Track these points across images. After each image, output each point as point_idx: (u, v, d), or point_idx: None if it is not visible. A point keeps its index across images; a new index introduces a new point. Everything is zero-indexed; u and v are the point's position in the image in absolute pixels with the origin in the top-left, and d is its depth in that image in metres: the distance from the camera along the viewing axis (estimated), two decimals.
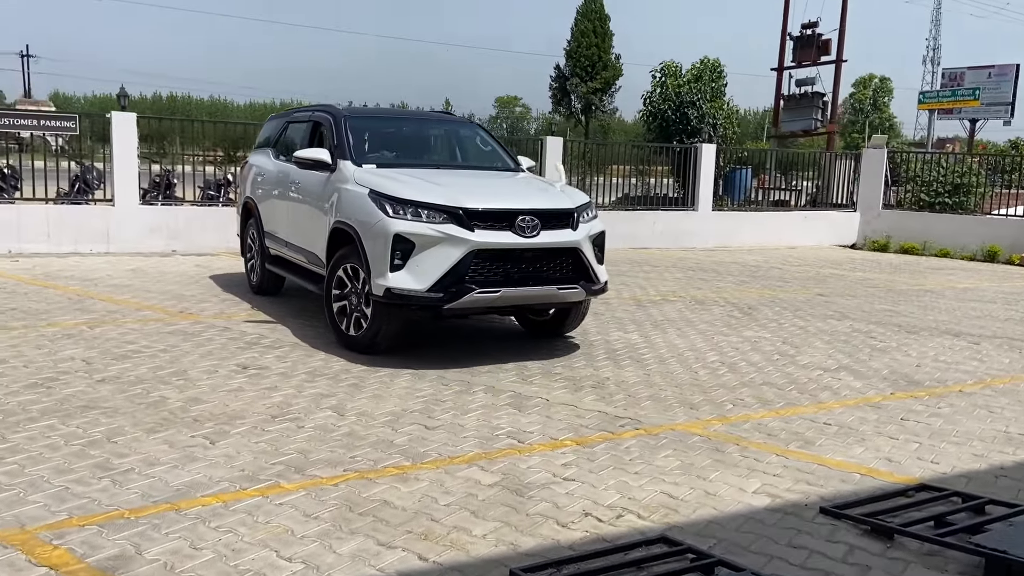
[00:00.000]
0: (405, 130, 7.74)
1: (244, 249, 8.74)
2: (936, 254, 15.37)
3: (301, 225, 7.02)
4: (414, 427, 4.55)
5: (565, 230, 5.88)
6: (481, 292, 5.53)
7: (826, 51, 23.61)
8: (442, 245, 5.49)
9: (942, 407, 5.31)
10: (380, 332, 5.82)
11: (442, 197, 5.64)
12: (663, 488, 3.84)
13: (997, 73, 35.28)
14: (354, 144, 6.62)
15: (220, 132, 14.88)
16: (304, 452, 4.09)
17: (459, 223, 5.53)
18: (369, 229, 5.69)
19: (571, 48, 33.70)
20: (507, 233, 5.62)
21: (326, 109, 7.23)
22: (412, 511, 3.48)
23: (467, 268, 5.49)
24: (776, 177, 18.86)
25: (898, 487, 3.88)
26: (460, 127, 7.88)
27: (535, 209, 5.78)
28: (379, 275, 5.58)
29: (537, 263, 5.76)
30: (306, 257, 6.94)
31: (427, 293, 5.48)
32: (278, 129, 8.31)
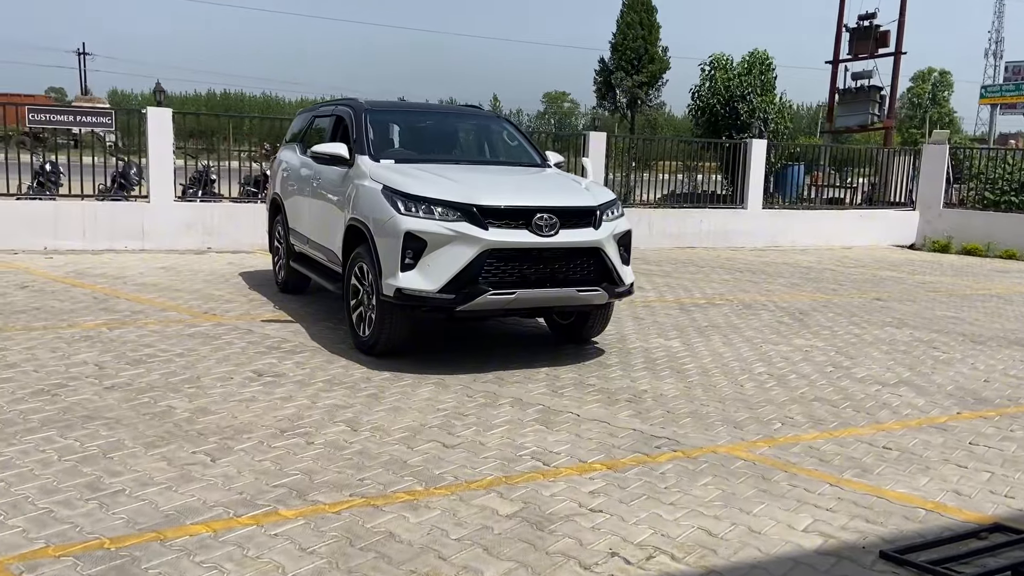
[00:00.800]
0: (428, 125, 7.44)
1: (272, 246, 8.63)
2: (1001, 256, 14.55)
3: (321, 222, 6.87)
4: (431, 444, 4.22)
5: (586, 229, 5.59)
6: (495, 294, 5.29)
7: (884, 43, 22.66)
8: (455, 244, 5.26)
9: (1015, 430, 4.79)
10: (385, 333, 5.61)
11: (456, 193, 5.41)
12: (701, 523, 3.44)
13: None
14: (373, 139, 6.44)
15: (265, 128, 14.76)
16: (310, 473, 3.79)
17: (473, 221, 5.30)
18: (381, 226, 5.50)
19: (616, 41, 33.05)
20: (523, 232, 5.36)
21: (348, 103, 7.04)
22: (419, 546, 3.14)
23: (480, 268, 5.26)
24: (830, 174, 18.12)
25: (969, 527, 3.43)
26: (487, 121, 7.62)
27: (553, 207, 5.51)
28: (389, 274, 5.38)
29: (555, 264, 5.47)
30: (325, 255, 6.77)
31: (439, 294, 5.26)
32: (305, 124, 8.15)
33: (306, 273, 7.38)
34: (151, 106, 13.39)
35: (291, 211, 7.82)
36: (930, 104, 74.36)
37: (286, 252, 7.99)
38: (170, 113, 10.99)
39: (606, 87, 35.14)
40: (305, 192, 7.34)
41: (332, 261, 6.56)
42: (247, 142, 13.85)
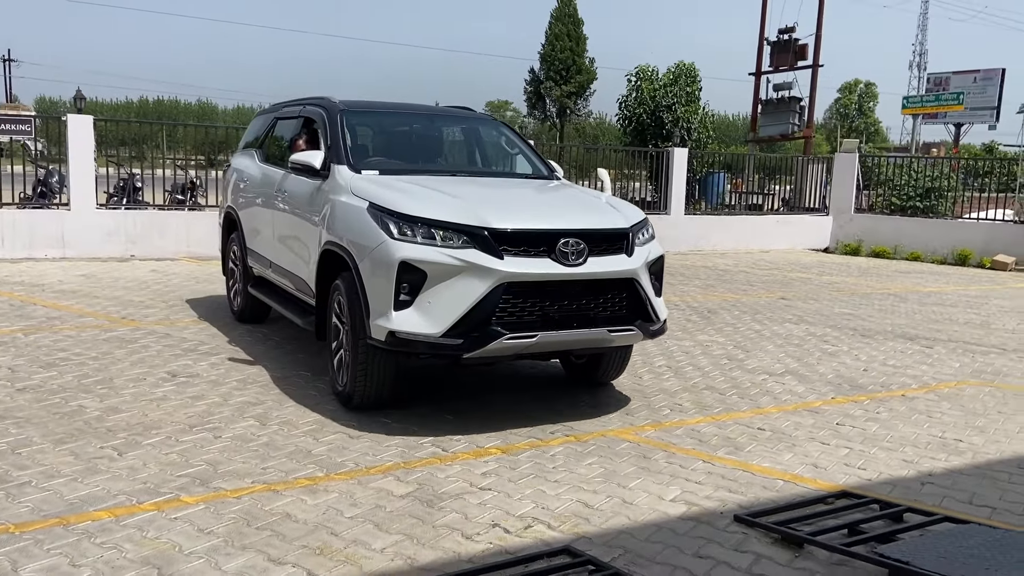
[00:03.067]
0: (415, 128, 6.44)
1: (226, 268, 7.59)
2: (907, 258, 15.37)
3: (287, 244, 5.90)
4: (337, 436, 4.43)
5: (618, 256, 4.66)
6: (512, 337, 4.32)
7: (803, 56, 23.63)
8: (462, 276, 4.29)
9: (881, 412, 5.24)
10: (364, 384, 4.67)
11: (462, 214, 4.46)
12: (580, 497, 3.74)
13: (982, 78, 35.38)
14: (352, 145, 5.50)
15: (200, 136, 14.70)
16: (214, 464, 3.97)
17: (484, 248, 4.33)
18: (367, 254, 4.50)
19: (545, 52, 33.70)
20: (545, 261, 4.42)
21: (319, 102, 5.99)
22: (313, 524, 3.37)
23: (494, 306, 4.29)
24: (751, 181, 18.85)
25: (819, 494, 3.80)
26: (481, 125, 6.60)
27: (582, 230, 4.57)
28: (380, 313, 4.39)
29: (583, 299, 4.53)
30: (292, 283, 5.79)
31: (443, 339, 4.28)
32: (265, 127, 7.11)
33: (268, 303, 6.42)
34: (72, 113, 13.25)
35: (248, 228, 6.83)
36: (857, 114, 77.26)
37: (243, 275, 6.99)
38: (91, 120, 10.94)
39: (536, 96, 35.73)
40: (266, 207, 6.33)
41: (302, 291, 5.58)
42: (180, 150, 13.81)
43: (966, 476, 4.15)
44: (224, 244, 7.56)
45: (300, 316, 5.57)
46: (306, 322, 5.41)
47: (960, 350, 7.22)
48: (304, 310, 5.60)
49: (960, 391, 5.82)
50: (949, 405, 5.44)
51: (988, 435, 4.83)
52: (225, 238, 7.50)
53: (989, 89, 35.02)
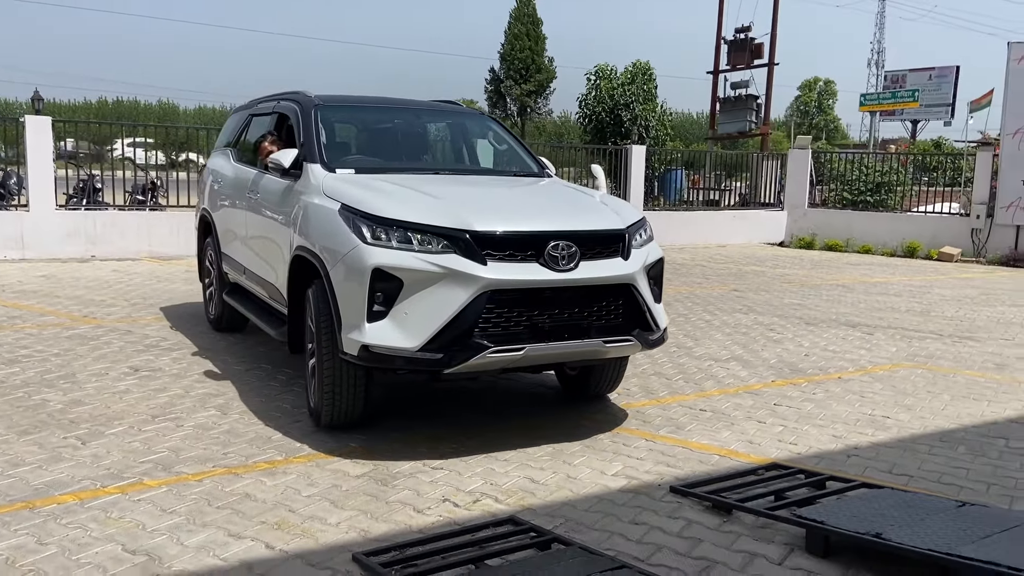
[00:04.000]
0: (396, 124, 6.03)
1: (202, 273, 7.25)
2: (858, 251, 15.84)
3: (258, 248, 5.58)
4: (302, 424, 4.60)
5: (614, 260, 4.33)
6: (497, 351, 3.97)
7: (759, 55, 24.11)
8: (442, 284, 3.94)
9: (817, 393, 5.53)
10: (333, 402, 4.34)
11: (441, 215, 4.13)
12: (527, 474, 3.95)
13: (938, 75, 36.19)
14: (327, 142, 5.18)
15: (161, 137, 14.65)
16: (176, 450, 4.12)
17: (466, 253, 4.00)
18: (338, 260, 4.15)
19: (505, 51, 33.98)
20: (533, 266, 4.07)
21: (293, 97, 5.67)
22: (272, 503, 3.54)
23: (477, 317, 3.95)
24: (709, 178, 19.26)
25: (751, 467, 4.06)
26: (467, 120, 6.24)
27: (573, 231, 4.23)
28: (352, 326, 4.04)
29: (575, 307, 4.19)
30: (266, 291, 5.45)
31: (420, 353, 3.94)
32: (239, 125, 6.78)
33: (242, 312, 6.03)
34: (29, 114, 13.18)
35: (223, 232, 6.50)
36: (817, 111, 78.65)
37: (218, 282, 6.69)
38: (49, 121, 10.92)
39: (497, 95, 35.97)
40: (239, 210, 6.00)
41: (275, 299, 5.28)
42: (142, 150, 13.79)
43: (889, 449, 4.44)
44: (200, 248, 7.25)
45: (273, 327, 5.24)
46: (279, 333, 5.04)
47: (898, 336, 7.57)
48: (278, 320, 5.26)
49: (893, 373, 6.15)
50: (881, 386, 5.75)
51: (914, 412, 5.14)
52: (200, 242, 7.20)
53: (944, 86, 35.88)
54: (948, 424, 4.90)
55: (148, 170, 13.36)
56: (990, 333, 7.80)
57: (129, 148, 13.95)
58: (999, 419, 5.04)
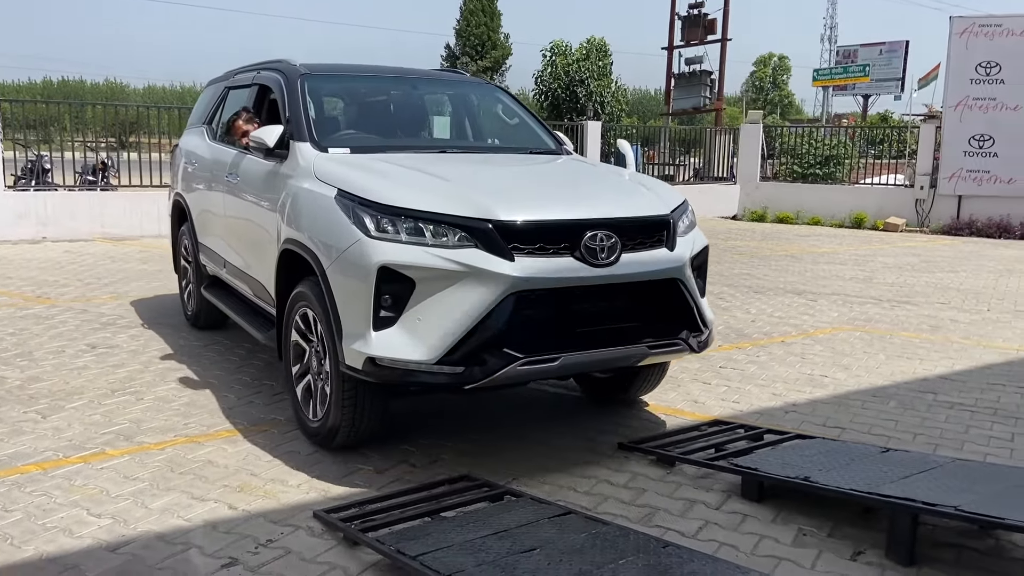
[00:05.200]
0: (394, 96, 5.35)
1: (177, 264, 6.65)
2: (808, 222, 16.25)
3: (241, 239, 4.96)
4: (263, 395, 4.69)
5: (657, 250, 3.73)
6: (528, 362, 3.37)
7: (712, 30, 24.48)
8: (461, 285, 3.34)
9: (760, 356, 5.78)
10: (349, 420, 3.69)
11: (458, 202, 3.50)
12: (484, 436, 4.11)
13: (888, 50, 36.71)
14: (316, 117, 4.54)
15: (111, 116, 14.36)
16: (138, 422, 4.20)
17: (489, 246, 3.38)
18: (337, 256, 3.54)
19: (460, 27, 33.75)
20: (567, 260, 3.46)
21: (276, 66, 5.02)
22: (234, 468, 3.65)
23: (504, 322, 3.35)
24: (664, 153, 19.52)
25: (695, 423, 4.27)
26: (473, 90, 5.56)
27: (613, 219, 3.64)
28: (355, 334, 3.45)
29: (616, 308, 3.62)
30: (249, 287, 4.88)
31: (438, 366, 3.34)
32: (214, 100, 6.12)
33: (222, 309, 5.44)
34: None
35: (200, 220, 5.88)
36: (771, 87, 79.66)
37: (196, 274, 6.09)
38: None
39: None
40: (217, 194, 5.36)
41: (260, 296, 4.71)
42: (90, 131, 13.55)
43: (825, 404, 4.70)
44: (174, 236, 6.61)
45: (259, 328, 4.65)
46: (267, 337, 4.48)
47: (841, 302, 7.87)
48: (264, 321, 4.71)
49: (834, 336, 6.43)
50: (821, 348, 6.02)
51: (851, 371, 5.41)
52: (175, 230, 6.58)
53: (894, 61, 36.45)
54: (881, 381, 5.18)
55: (98, 150, 13.14)
56: (927, 298, 8.15)
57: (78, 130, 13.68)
58: (930, 376, 5.33)
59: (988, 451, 3.97)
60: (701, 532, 3.09)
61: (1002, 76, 14.61)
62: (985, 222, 14.45)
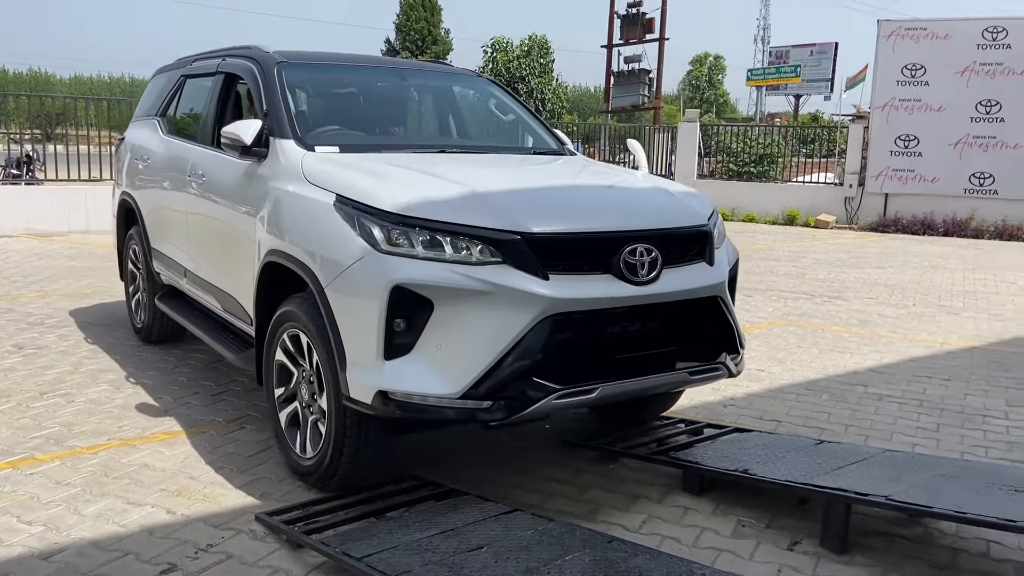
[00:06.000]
0: (380, 89, 4.86)
1: (123, 271, 5.99)
2: (743, 219, 16.62)
3: (208, 246, 4.45)
4: (199, 396, 4.59)
5: (697, 265, 3.39)
6: (565, 394, 2.98)
7: (650, 29, 24.81)
8: (488, 307, 2.93)
9: None
10: (350, 459, 3.22)
11: (482, 211, 3.08)
12: (426, 435, 4.10)
13: (818, 51, 37.75)
14: (297, 112, 4.05)
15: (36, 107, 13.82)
16: (68, 425, 4.07)
17: (519, 263, 2.97)
18: (338, 272, 3.09)
19: (401, 22, 33.48)
20: (606, 279, 3.09)
21: (247, 53, 4.48)
22: (171, 472, 3.56)
23: (539, 350, 2.94)
24: (604, 150, 19.74)
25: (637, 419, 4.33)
26: (465, 83, 5.16)
27: (653, 230, 3.26)
28: (361, 364, 3.00)
29: (656, 330, 3.26)
30: (219, 300, 4.36)
31: (460, 400, 2.92)
32: (168, 89, 5.54)
33: (182, 323, 4.89)
34: None
35: (153, 223, 5.28)
36: (707, 86, 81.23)
37: (147, 283, 5.48)
38: None
39: None
40: (177, 195, 4.80)
41: (232, 312, 4.20)
42: (12, 123, 13.03)
43: (761, 398, 4.82)
44: (121, 241, 5.98)
45: (231, 348, 4.15)
46: (242, 359, 3.98)
47: (775, 297, 8.08)
48: (236, 340, 4.24)
49: (769, 331, 6.60)
50: (758, 343, 6.18)
51: (785, 365, 5.56)
52: (122, 234, 5.92)
53: (824, 62, 37.52)
54: (815, 375, 5.34)
55: (22, 143, 12.65)
56: (856, 292, 8.43)
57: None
58: (860, 369, 5.52)
59: (916, 441, 4.14)
60: (644, 526, 3.15)
61: (926, 78, 15.16)
62: (910, 219, 14.99)
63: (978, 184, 14.81)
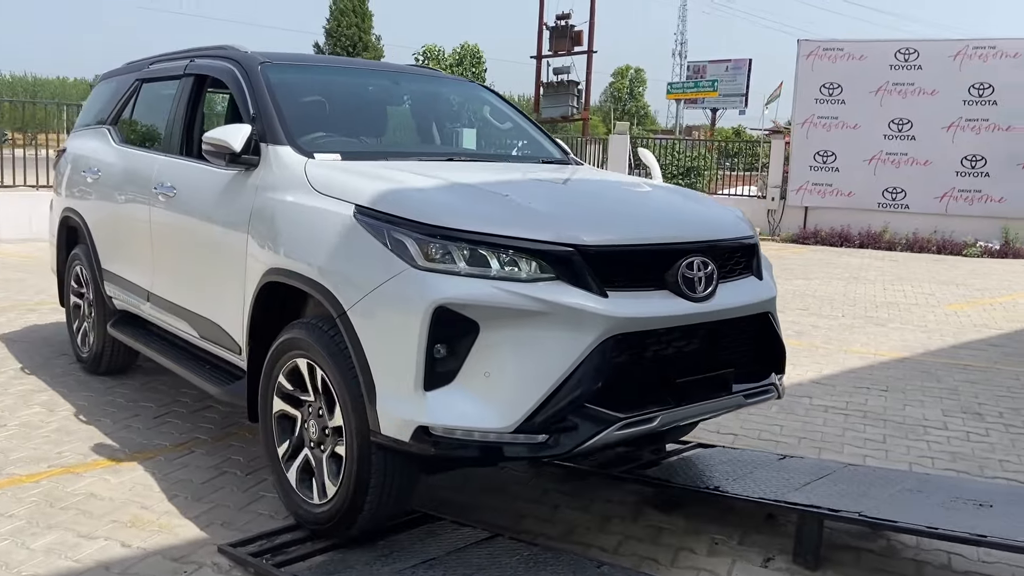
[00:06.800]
0: (372, 93, 4.45)
1: (64, 296, 5.46)
2: None
3: (181, 266, 4.07)
4: (142, 417, 4.37)
5: (747, 279, 3.21)
6: (626, 425, 2.71)
7: (579, 42, 25.13)
8: (543, 328, 2.63)
9: None
10: (374, 503, 2.86)
11: (530, 222, 2.81)
12: None
13: (733, 67, 38.84)
14: (290, 115, 3.64)
15: None
16: (4, 451, 3.82)
17: (574, 279, 2.69)
18: (366, 292, 2.77)
19: (331, 27, 32.99)
20: (662, 295, 2.84)
21: (222, 54, 4.11)
22: (121, 501, 3.38)
23: (600, 375, 2.66)
24: None
25: None
26: (456, 89, 4.92)
27: (707, 242, 3.05)
28: (396, 396, 2.68)
29: (712, 350, 3.01)
30: (196, 327, 3.94)
31: (512, 435, 2.62)
32: (120, 95, 5.07)
33: (145, 352, 4.45)
34: None
35: (105, 241, 4.81)
36: (628, 98, 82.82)
37: (98, 308, 4.95)
38: None
39: None
40: (139, 209, 4.35)
41: (213, 339, 3.79)
42: None
43: None
44: (62, 263, 5.41)
45: (214, 381, 3.72)
46: (228, 392, 3.58)
47: None
48: (215, 369, 3.84)
49: None
50: None
51: None
52: (63, 255, 5.39)
53: (739, 77, 38.65)
54: None
55: None
56: (788, 303, 8.68)
57: None
58: (803, 380, 5.68)
59: (866, 453, 4.27)
60: (622, 547, 3.14)
61: (843, 97, 15.79)
62: (828, 232, 15.57)
63: (891, 199, 15.50)
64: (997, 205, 14.68)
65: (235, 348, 3.54)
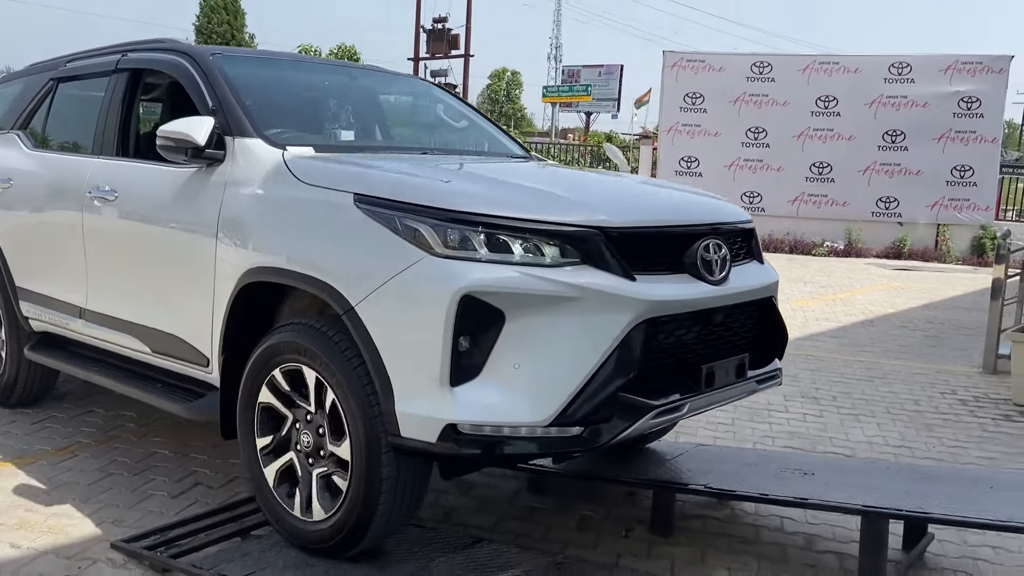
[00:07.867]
0: (330, 88, 4.31)
1: None
2: None
3: (127, 277, 3.75)
4: (20, 424, 4.32)
5: (751, 263, 3.25)
6: (660, 412, 2.68)
7: (456, 45, 25.55)
8: (573, 314, 2.53)
9: None
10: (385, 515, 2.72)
11: (551, 205, 2.74)
12: None
13: (606, 72, 40.00)
14: (254, 108, 3.42)
15: None
16: None
17: (600, 263, 2.62)
18: (378, 285, 2.60)
19: (201, 24, 31.88)
20: (683, 278, 2.82)
21: (164, 47, 3.89)
22: (5, 505, 3.39)
23: (635, 361, 2.60)
24: None
25: None
26: (411, 86, 4.87)
27: (719, 224, 3.10)
28: (418, 395, 2.53)
29: (728, 334, 3.02)
30: (145, 341, 3.61)
31: (545, 429, 2.51)
32: (30, 97, 4.70)
33: (80, 375, 4.11)
34: None
35: (19, 255, 4.42)
36: (505, 100, 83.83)
37: (10, 333, 4.52)
38: None
39: None
40: (67, 217, 3.99)
41: (171, 353, 3.48)
42: None
43: None
44: None
45: (175, 398, 3.45)
46: (195, 409, 3.34)
47: None
48: (170, 387, 3.56)
49: None
50: None
51: None
52: None
53: (611, 83, 39.90)
54: None
55: None
56: None
57: None
58: None
59: (716, 435, 4.75)
60: (499, 526, 3.44)
61: (705, 106, 16.79)
62: None
63: (748, 202, 16.62)
64: (841, 208, 16.02)
65: (201, 361, 3.29)
